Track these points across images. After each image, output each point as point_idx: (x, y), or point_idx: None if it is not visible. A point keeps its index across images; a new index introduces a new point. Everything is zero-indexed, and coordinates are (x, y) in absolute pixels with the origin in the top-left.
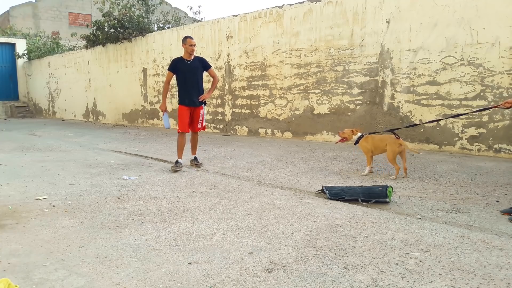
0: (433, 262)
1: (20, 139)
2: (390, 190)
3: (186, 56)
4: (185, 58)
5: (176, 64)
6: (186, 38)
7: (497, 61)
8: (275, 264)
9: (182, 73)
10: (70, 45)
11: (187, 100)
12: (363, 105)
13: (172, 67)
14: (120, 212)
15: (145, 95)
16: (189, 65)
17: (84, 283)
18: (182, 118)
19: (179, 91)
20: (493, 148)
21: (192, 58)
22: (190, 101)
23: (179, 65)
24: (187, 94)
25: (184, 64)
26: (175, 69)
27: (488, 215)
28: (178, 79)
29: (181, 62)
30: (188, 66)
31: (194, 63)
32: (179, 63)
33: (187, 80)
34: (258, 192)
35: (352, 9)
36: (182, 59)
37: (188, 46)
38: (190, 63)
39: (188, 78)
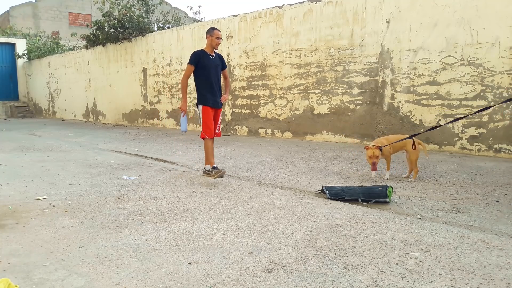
0: (433, 262)
1: (20, 139)
2: (390, 190)
3: (209, 50)
4: (207, 52)
5: (199, 57)
6: (213, 30)
7: (497, 61)
8: (275, 264)
9: (206, 69)
10: (70, 45)
11: (211, 100)
12: (363, 105)
13: (195, 61)
14: (120, 212)
15: (145, 95)
16: (213, 60)
17: (84, 283)
18: (207, 122)
19: (201, 89)
20: (493, 148)
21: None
22: (214, 101)
23: (203, 59)
24: (212, 93)
25: (209, 59)
26: (198, 63)
27: (488, 215)
28: (200, 75)
29: (205, 57)
30: (212, 62)
31: (216, 59)
32: (203, 57)
33: (212, 77)
34: (258, 192)
35: (352, 9)
36: (205, 53)
37: (215, 38)
38: (214, 59)
39: (213, 75)
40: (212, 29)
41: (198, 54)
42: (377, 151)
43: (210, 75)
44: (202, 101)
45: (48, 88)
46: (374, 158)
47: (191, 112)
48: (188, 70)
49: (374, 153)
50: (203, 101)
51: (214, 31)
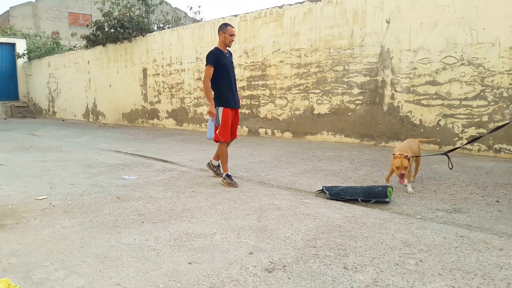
0: (433, 262)
1: (20, 139)
2: (390, 190)
3: (222, 48)
4: (222, 50)
5: (218, 56)
6: (226, 26)
7: (497, 61)
8: (275, 264)
9: (225, 68)
10: (70, 45)
11: (232, 101)
12: (363, 105)
13: (215, 60)
14: (120, 212)
15: (145, 95)
16: (228, 58)
17: (84, 283)
18: (227, 125)
19: (222, 90)
20: (493, 148)
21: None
22: (235, 102)
23: (220, 58)
24: (232, 92)
25: (225, 57)
26: (217, 63)
27: (488, 215)
28: (220, 75)
29: (222, 55)
30: (228, 60)
31: (230, 56)
32: (221, 56)
33: (231, 75)
34: (258, 192)
35: (352, 9)
36: (221, 51)
37: (228, 35)
38: (228, 56)
39: (231, 73)
40: (225, 25)
41: (215, 53)
42: (405, 161)
43: (229, 74)
44: (223, 103)
45: (48, 88)
46: (403, 169)
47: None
48: (208, 71)
49: (402, 163)
50: (224, 103)
51: (227, 28)
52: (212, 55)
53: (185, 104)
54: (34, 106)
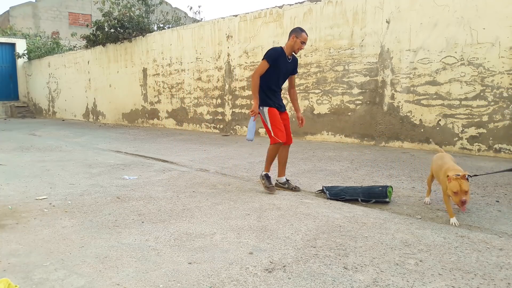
0: (433, 262)
1: (20, 139)
2: (390, 190)
3: (287, 51)
4: (286, 54)
5: (278, 57)
6: (301, 31)
7: (497, 61)
8: (275, 264)
9: (278, 71)
10: (70, 45)
11: (276, 104)
12: (363, 105)
13: (274, 60)
14: (120, 212)
15: (145, 95)
16: (288, 64)
17: (84, 283)
18: (277, 123)
19: (266, 90)
20: (493, 148)
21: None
22: (278, 105)
23: (279, 59)
24: (276, 96)
25: (285, 61)
26: (274, 63)
27: (488, 215)
28: (270, 75)
29: (282, 57)
30: (287, 65)
31: (292, 63)
32: (281, 57)
33: (280, 81)
34: (258, 192)
35: (352, 9)
36: (284, 53)
37: (300, 42)
38: (290, 62)
39: (281, 79)
40: (300, 30)
41: (277, 52)
42: (465, 184)
43: (279, 79)
44: (266, 103)
45: (48, 88)
46: (463, 194)
47: (191, 113)
48: (262, 67)
49: (462, 186)
50: (268, 103)
51: (301, 33)
52: (273, 52)
53: (185, 104)
54: (34, 106)
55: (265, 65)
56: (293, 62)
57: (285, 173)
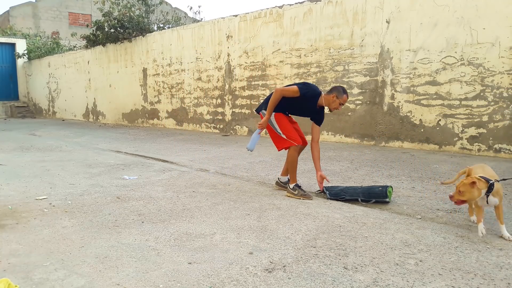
0: (433, 262)
1: (20, 139)
2: (390, 190)
3: (322, 104)
4: (319, 103)
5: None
6: (343, 94)
7: (497, 61)
8: (275, 264)
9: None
10: (70, 45)
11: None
12: (363, 105)
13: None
14: (120, 212)
15: (145, 95)
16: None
17: (84, 283)
18: (288, 125)
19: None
20: (493, 148)
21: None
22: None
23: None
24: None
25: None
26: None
27: (488, 215)
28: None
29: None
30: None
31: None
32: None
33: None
34: (258, 192)
35: (352, 9)
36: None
37: (338, 103)
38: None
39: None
40: (343, 91)
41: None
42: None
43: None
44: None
45: (48, 88)
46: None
47: (191, 113)
48: (291, 90)
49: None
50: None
51: (343, 96)
52: (311, 89)
53: (185, 104)
54: (34, 106)
55: (295, 91)
56: (320, 111)
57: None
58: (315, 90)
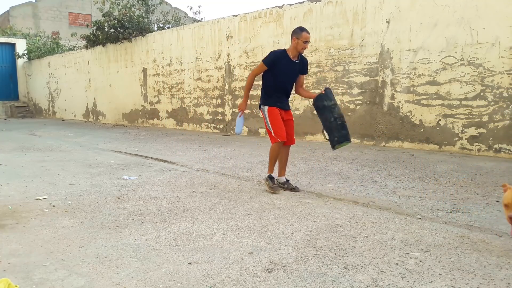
0: (433, 262)
1: (20, 139)
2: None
3: (292, 53)
4: (290, 55)
5: (277, 59)
6: (301, 31)
7: (497, 61)
8: (275, 264)
9: (283, 74)
10: (70, 45)
11: (279, 102)
12: (363, 105)
13: (272, 62)
14: (120, 212)
15: (145, 95)
16: (294, 65)
17: (84, 283)
18: (279, 122)
19: (268, 92)
20: (493, 148)
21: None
22: (282, 104)
23: (281, 62)
24: (280, 98)
25: (289, 63)
26: (275, 65)
27: (488, 215)
28: (273, 79)
29: (286, 59)
30: (292, 67)
31: (299, 64)
32: (283, 60)
33: (286, 84)
34: (258, 192)
35: (352, 9)
36: (287, 55)
37: (302, 42)
38: (296, 64)
39: (288, 82)
40: (300, 30)
41: (276, 55)
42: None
43: (285, 81)
44: (267, 102)
45: (48, 88)
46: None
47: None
48: (259, 68)
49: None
50: (268, 102)
51: (302, 33)
52: (272, 56)
53: (185, 104)
54: (34, 106)
55: (261, 67)
56: (300, 63)
57: (285, 173)
58: (276, 51)
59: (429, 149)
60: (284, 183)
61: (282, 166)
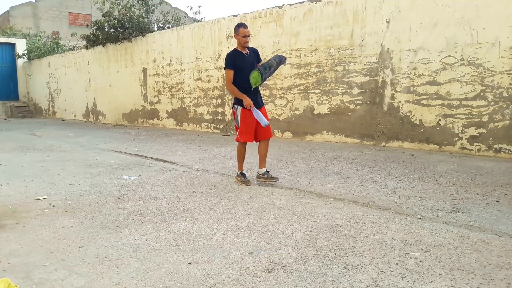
0: (433, 262)
1: (20, 139)
2: (254, 76)
3: (240, 49)
4: (241, 51)
5: (235, 60)
6: (238, 27)
7: (497, 61)
8: (275, 264)
9: (241, 70)
10: (70, 45)
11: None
12: (363, 105)
13: (232, 64)
14: (120, 212)
15: (145, 95)
16: (247, 58)
17: (84, 283)
18: (247, 125)
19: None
20: (493, 148)
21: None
22: (254, 101)
23: (238, 61)
24: (251, 93)
25: (243, 58)
26: (235, 65)
27: (488, 215)
28: (238, 77)
29: (240, 57)
30: (247, 60)
31: (251, 56)
32: (238, 58)
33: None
34: (258, 192)
35: (352, 9)
36: (238, 52)
37: (241, 37)
38: (248, 56)
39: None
40: (238, 26)
41: (232, 57)
42: None
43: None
44: (241, 103)
45: (48, 88)
46: None
47: (191, 113)
48: (228, 75)
49: None
50: (242, 103)
51: (239, 29)
52: (228, 58)
53: (185, 104)
54: (34, 106)
55: (228, 72)
56: (252, 54)
57: (265, 165)
58: (229, 53)
59: (429, 149)
60: (264, 173)
61: (261, 159)
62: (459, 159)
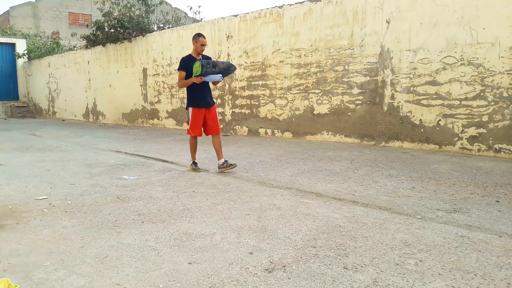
0: (433, 262)
1: (20, 139)
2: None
3: (195, 55)
4: (194, 56)
5: (187, 63)
6: (198, 36)
7: (497, 61)
8: (275, 264)
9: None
10: (70, 45)
11: (201, 102)
12: (363, 105)
13: (184, 66)
14: (120, 212)
15: (145, 95)
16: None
17: (84, 283)
18: (197, 123)
19: (191, 92)
20: (493, 148)
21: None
22: (205, 102)
23: (190, 64)
24: (202, 95)
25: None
26: (187, 68)
27: (488, 215)
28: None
29: (192, 61)
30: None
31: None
32: (190, 62)
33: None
34: (258, 192)
35: (352, 9)
36: (192, 57)
37: (200, 45)
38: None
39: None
40: (198, 35)
41: (185, 60)
42: None
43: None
44: (192, 104)
45: (48, 88)
46: None
47: None
48: (180, 75)
49: None
50: (192, 103)
51: (199, 38)
52: (182, 60)
53: (185, 104)
54: (34, 106)
55: (181, 73)
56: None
57: (222, 156)
58: (183, 57)
59: (429, 149)
60: (223, 163)
61: (217, 151)
62: (459, 159)
